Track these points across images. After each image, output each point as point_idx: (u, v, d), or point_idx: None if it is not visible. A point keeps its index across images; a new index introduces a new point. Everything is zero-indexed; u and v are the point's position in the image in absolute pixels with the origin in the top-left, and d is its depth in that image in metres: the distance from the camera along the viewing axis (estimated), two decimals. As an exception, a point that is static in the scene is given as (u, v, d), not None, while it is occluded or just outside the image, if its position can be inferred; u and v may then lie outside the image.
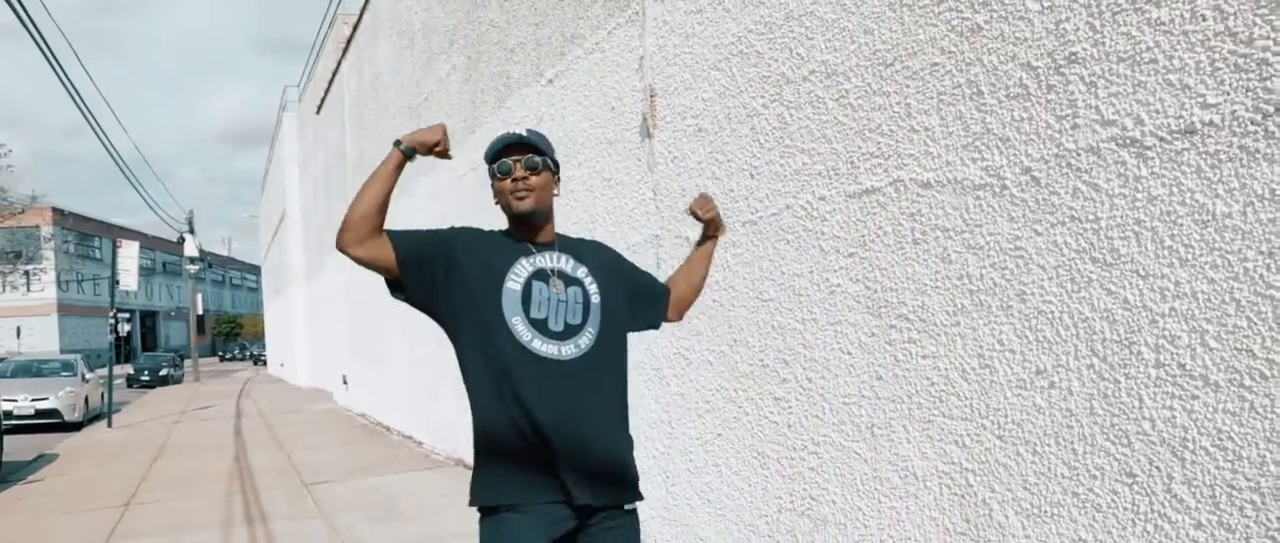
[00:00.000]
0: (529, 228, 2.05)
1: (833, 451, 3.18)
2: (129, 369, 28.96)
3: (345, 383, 15.06)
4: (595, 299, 2.04)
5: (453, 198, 7.69)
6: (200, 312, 33.06)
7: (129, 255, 13.87)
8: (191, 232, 29.77)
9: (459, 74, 7.33)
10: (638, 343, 4.52)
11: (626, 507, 2.06)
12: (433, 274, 1.97)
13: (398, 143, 1.95)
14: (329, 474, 8.26)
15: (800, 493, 3.36)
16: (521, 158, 1.99)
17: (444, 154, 1.99)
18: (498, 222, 2.16)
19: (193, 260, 29.91)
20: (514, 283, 1.96)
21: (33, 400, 14.51)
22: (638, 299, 2.20)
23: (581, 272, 2.06)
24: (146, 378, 28.52)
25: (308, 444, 10.77)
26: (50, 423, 14.58)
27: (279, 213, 27.27)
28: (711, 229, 2.34)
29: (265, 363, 39.50)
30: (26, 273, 32.36)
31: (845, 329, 3.10)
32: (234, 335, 67.06)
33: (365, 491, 7.37)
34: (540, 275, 2.00)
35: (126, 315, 14.43)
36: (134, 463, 9.82)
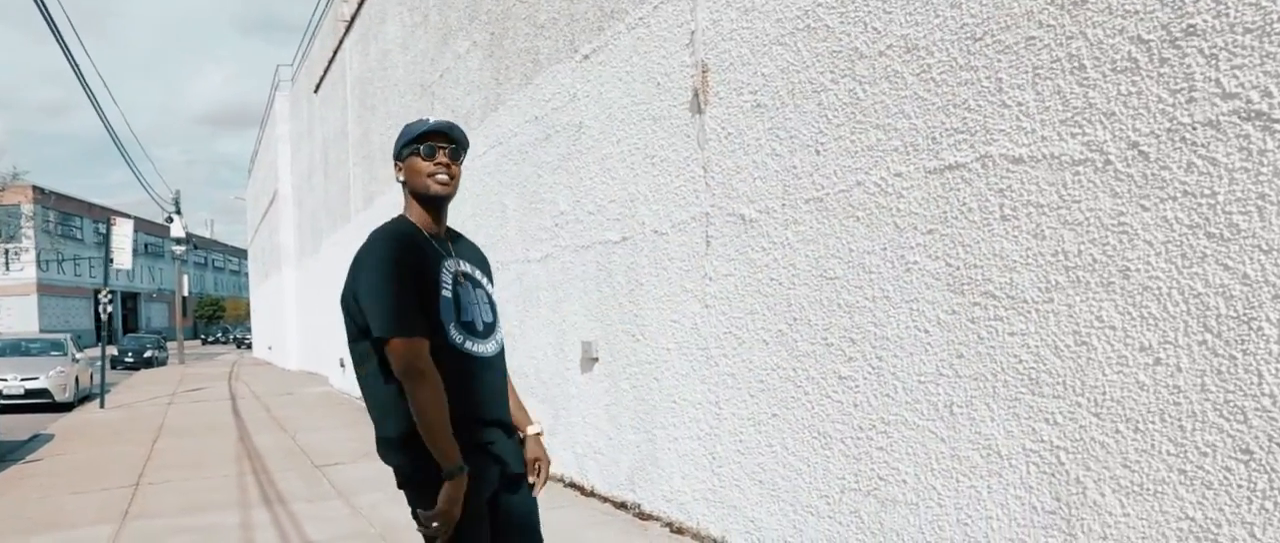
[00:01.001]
0: (437, 214, 2.14)
1: (905, 430, 3.15)
2: (112, 350, 28.57)
3: (343, 366, 14.92)
4: (495, 297, 2.23)
5: (468, 176, 7.59)
6: (185, 294, 32.63)
7: (123, 234, 13.63)
8: (179, 212, 29.34)
9: (480, 50, 7.23)
10: (681, 323, 4.47)
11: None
12: None
13: (458, 470, 1.96)
14: (340, 456, 8.17)
15: (867, 473, 3.33)
16: (445, 146, 2.08)
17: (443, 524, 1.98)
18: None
19: (179, 241, 29.47)
20: (446, 291, 2.06)
21: (22, 380, 14.24)
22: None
23: (477, 273, 2.20)
24: (130, 360, 28.15)
25: (311, 427, 10.65)
26: (40, 403, 14.34)
27: (269, 194, 26.95)
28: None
29: (250, 346, 39.14)
30: (6, 252, 31.78)
31: (922, 307, 3.07)
32: (216, 318, 66.39)
33: (379, 473, 7.20)
34: (456, 279, 2.11)
35: (108, 297, 14.15)
36: (135, 443, 9.68)
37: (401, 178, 2.11)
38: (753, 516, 3.98)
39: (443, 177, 2.06)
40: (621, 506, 5.17)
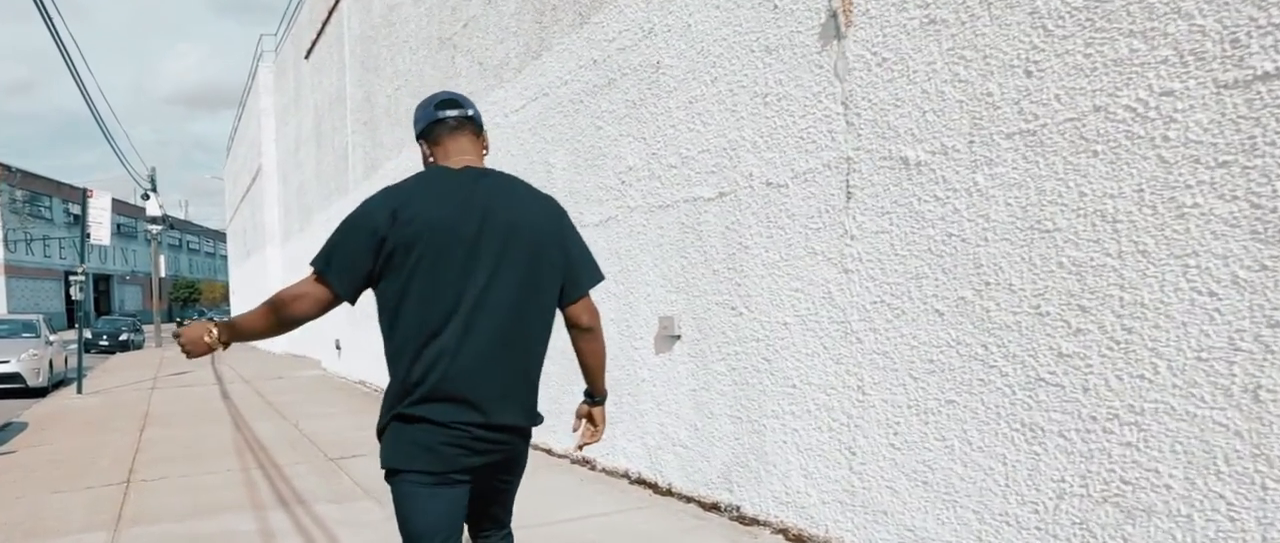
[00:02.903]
0: None
1: (1170, 421, 2.45)
2: (86, 334, 27.39)
3: (338, 349, 14.07)
4: None
5: (505, 134, 6.79)
6: (161, 275, 31.38)
7: (101, 207, 12.66)
8: (154, 190, 28.07)
9: (518, -7, 6.41)
10: (807, 292, 3.75)
11: None
12: None
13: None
14: (355, 447, 7.38)
15: (1101, 475, 2.63)
16: None
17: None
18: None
19: (154, 221, 28.22)
20: None
21: (-8, 364, 13.27)
22: None
23: None
24: (105, 343, 27.01)
25: (313, 413, 9.84)
26: (12, 388, 13.38)
27: (250, 172, 25.84)
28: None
29: (229, 329, 37.79)
30: (-29, 232, 30.30)
31: (1205, 261, 2.36)
32: (192, 301, 64.74)
33: (404, 465, 6.48)
34: None
35: (80, 279, 13.22)
36: (119, 433, 8.82)
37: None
38: (911, 523, 3.28)
39: None
40: (713, 507, 4.45)
